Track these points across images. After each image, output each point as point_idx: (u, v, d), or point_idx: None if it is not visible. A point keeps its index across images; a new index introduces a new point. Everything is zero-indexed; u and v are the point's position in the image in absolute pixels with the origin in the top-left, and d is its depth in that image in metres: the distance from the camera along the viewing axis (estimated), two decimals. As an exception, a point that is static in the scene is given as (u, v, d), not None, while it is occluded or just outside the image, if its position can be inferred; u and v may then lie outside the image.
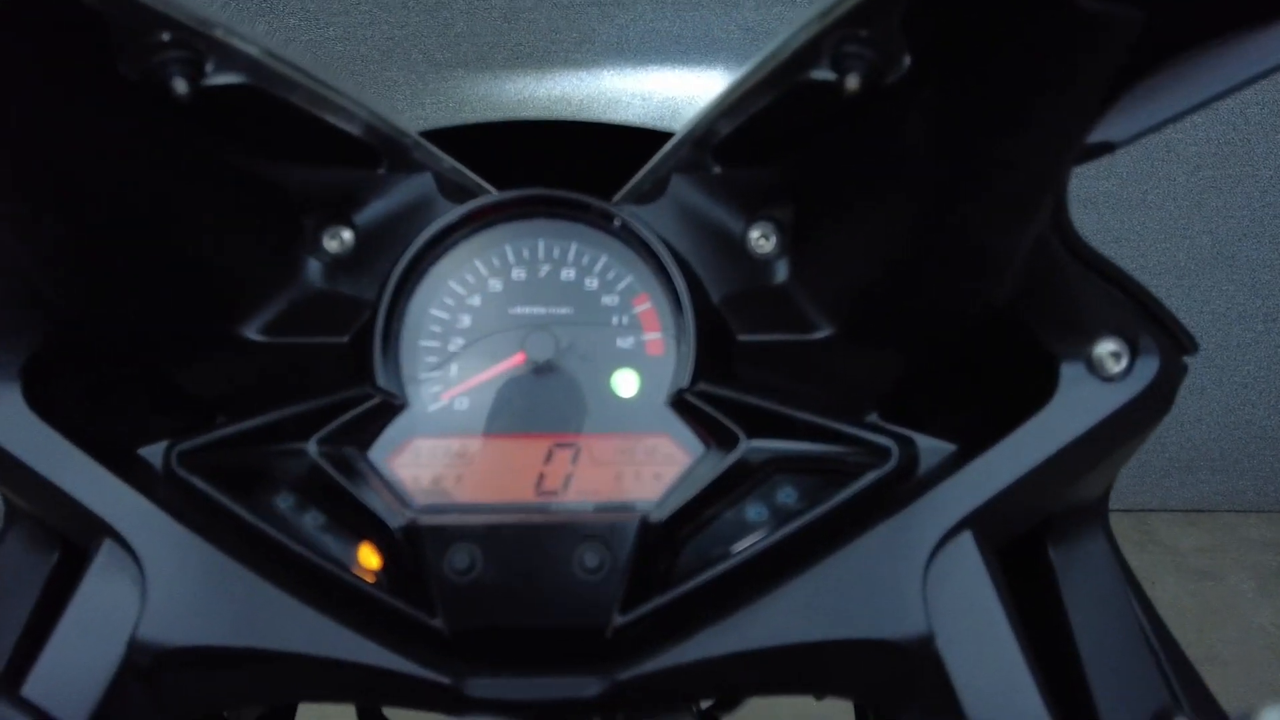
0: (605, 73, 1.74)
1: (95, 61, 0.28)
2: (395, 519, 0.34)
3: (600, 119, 0.44)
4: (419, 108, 1.74)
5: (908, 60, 0.28)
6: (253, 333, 0.37)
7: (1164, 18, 0.23)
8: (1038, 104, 0.27)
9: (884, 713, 0.33)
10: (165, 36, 0.27)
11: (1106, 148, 0.35)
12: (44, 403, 0.36)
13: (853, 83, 0.28)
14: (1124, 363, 0.36)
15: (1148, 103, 0.34)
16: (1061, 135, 0.28)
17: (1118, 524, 0.48)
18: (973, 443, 0.36)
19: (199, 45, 0.28)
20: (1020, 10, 0.25)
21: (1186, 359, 0.39)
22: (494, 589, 0.34)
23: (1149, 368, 0.36)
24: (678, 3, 1.65)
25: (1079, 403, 0.36)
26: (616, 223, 0.38)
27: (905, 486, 0.35)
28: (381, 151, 0.38)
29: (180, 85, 0.28)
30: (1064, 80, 0.26)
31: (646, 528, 0.34)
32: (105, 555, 0.35)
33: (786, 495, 0.36)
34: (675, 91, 1.72)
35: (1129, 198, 1.82)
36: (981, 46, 0.27)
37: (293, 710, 0.57)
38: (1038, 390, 0.36)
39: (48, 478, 0.35)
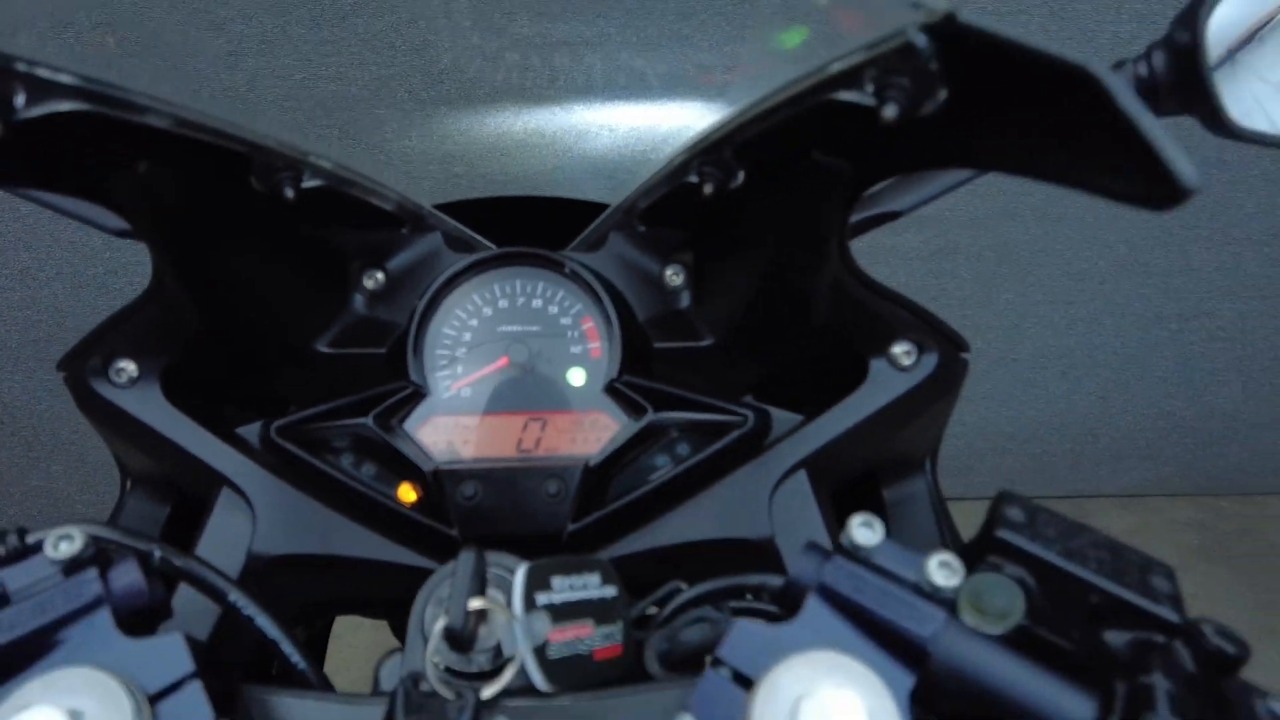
0: (575, 107, 1.87)
1: (237, 185, 0.44)
2: (426, 465, 0.50)
3: (559, 193, 0.61)
4: (405, 140, 1.86)
5: (742, 176, 0.45)
6: (321, 346, 0.54)
7: (865, 168, 0.41)
8: (812, 208, 0.44)
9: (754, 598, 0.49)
10: (279, 164, 0.44)
11: (894, 215, 0.53)
12: (176, 397, 0.52)
13: (708, 189, 0.46)
14: (913, 358, 0.53)
15: (906, 191, 0.52)
16: (829, 222, 0.46)
17: (1058, 509, 0.60)
18: (811, 414, 0.53)
19: (299, 168, 0.45)
20: (787, 160, 0.43)
21: (967, 355, 0.56)
22: (490, 510, 0.50)
23: (931, 361, 0.53)
24: (640, 44, 1.78)
25: (881, 386, 0.53)
26: (568, 268, 0.55)
27: (762, 442, 0.52)
28: (405, 219, 0.54)
29: (290, 193, 0.45)
30: (822, 194, 0.43)
31: (588, 470, 0.51)
32: (224, 499, 0.51)
33: (682, 448, 0.52)
34: (638, 123, 1.87)
35: (1054, 212, 1.92)
36: (775, 172, 0.45)
37: (328, 629, 0.73)
38: (854, 378, 0.53)
39: (183, 446, 0.51)
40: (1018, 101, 0.29)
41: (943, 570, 0.30)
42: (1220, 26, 0.47)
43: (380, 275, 0.56)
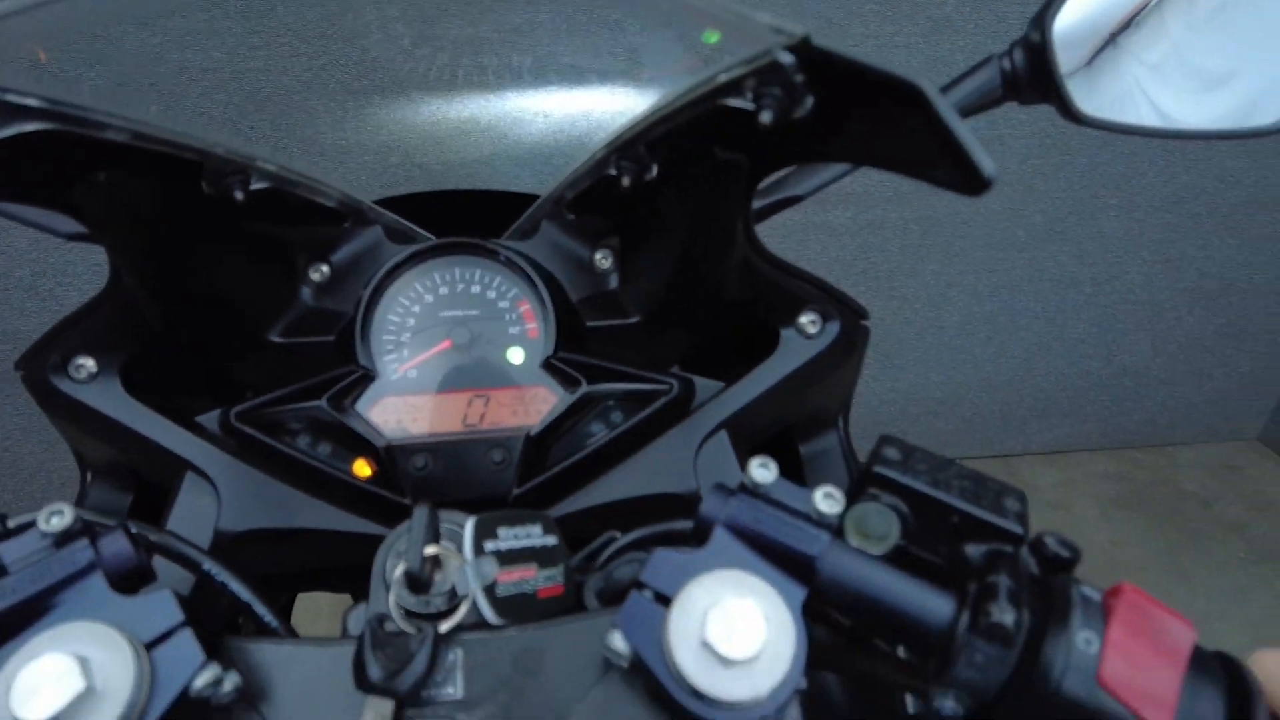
0: (509, 94, 1.89)
1: (189, 189, 0.47)
2: (379, 442, 0.54)
3: (495, 181, 0.65)
4: (340, 131, 1.86)
5: (655, 169, 0.50)
6: (273, 336, 0.57)
7: (759, 161, 0.46)
8: (717, 197, 0.50)
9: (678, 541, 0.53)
10: (228, 169, 0.47)
11: (796, 199, 0.58)
12: (135, 390, 0.55)
13: (626, 181, 0.50)
14: (819, 327, 0.59)
15: (804, 178, 0.57)
16: (732, 209, 0.51)
17: (987, 467, 0.66)
18: (731, 381, 0.59)
19: (248, 171, 0.48)
20: (693, 155, 0.48)
21: (867, 323, 0.61)
22: (440, 479, 0.54)
23: (834, 329, 0.59)
24: (570, 31, 1.81)
25: (790, 353, 0.58)
26: (503, 256, 0.59)
27: (687, 407, 0.58)
28: (346, 214, 0.58)
29: (239, 195, 0.48)
30: (724, 184, 0.48)
31: (530, 439, 0.55)
32: (188, 482, 0.54)
33: (615, 415, 0.57)
34: (570, 109, 1.89)
35: None
36: (683, 165, 0.50)
37: (289, 610, 0.76)
38: (767, 347, 0.59)
39: (146, 435, 0.54)
40: (868, 108, 0.35)
41: (827, 500, 0.35)
42: (1071, 26, 0.53)
43: (325, 268, 0.60)
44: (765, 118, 0.37)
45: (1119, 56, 0.62)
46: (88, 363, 0.54)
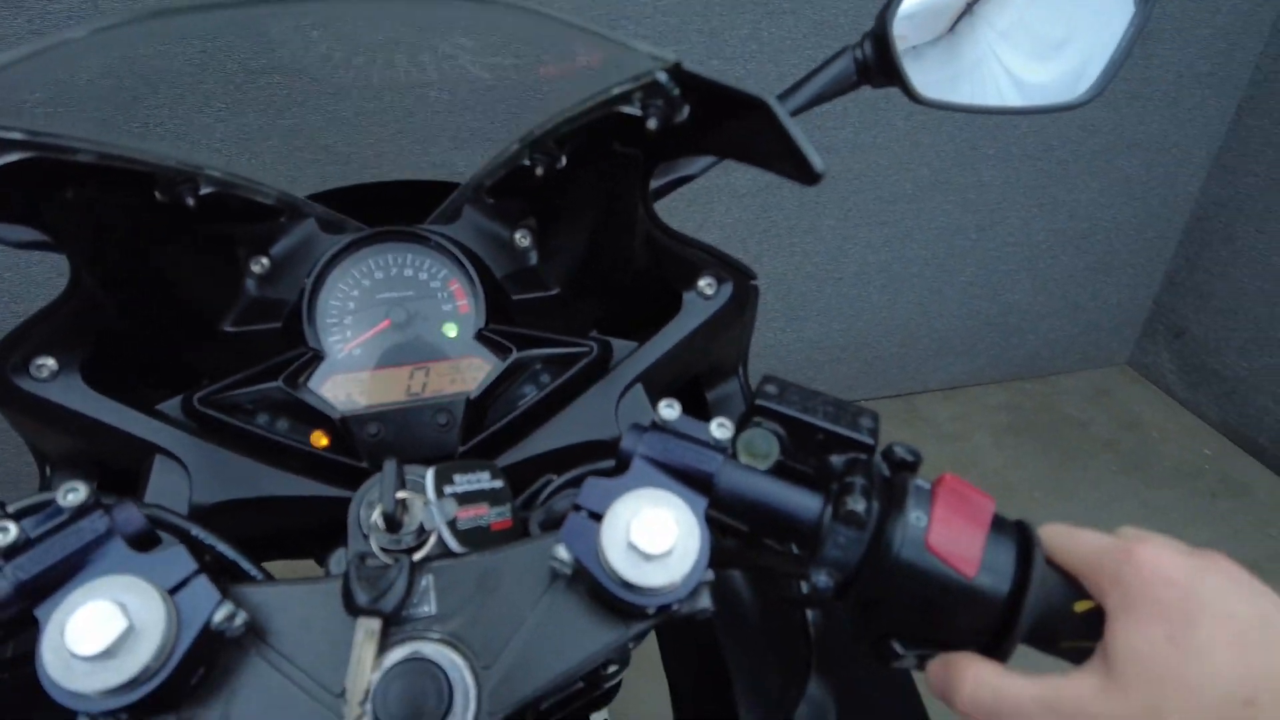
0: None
1: (143, 197, 0.52)
2: (334, 414, 0.60)
3: (405, 159, 0.71)
4: (241, 117, 1.83)
5: (564, 160, 0.58)
6: (226, 326, 0.62)
7: (651, 153, 0.54)
8: (618, 183, 0.57)
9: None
10: (179, 179, 0.52)
11: (689, 178, 0.67)
12: (97, 384, 0.60)
13: (539, 170, 0.58)
14: (714, 289, 0.67)
15: (694, 162, 0.65)
16: (631, 193, 0.59)
17: (892, 406, 0.74)
18: (643, 340, 0.67)
19: (196, 179, 0.53)
20: (596, 148, 0.55)
21: (756, 283, 0.70)
22: (392, 442, 0.61)
23: (728, 290, 0.68)
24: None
25: (692, 313, 0.67)
26: (433, 240, 0.66)
27: (606, 366, 0.66)
28: (283, 210, 0.63)
29: (191, 201, 0.53)
30: (623, 173, 0.56)
31: (470, 402, 0.62)
32: (158, 464, 0.59)
33: (544, 377, 0.65)
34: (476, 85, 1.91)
35: (863, 142, 2.09)
36: (589, 156, 0.57)
37: None
38: (672, 309, 0.67)
39: (113, 425, 0.59)
40: (730, 116, 0.43)
41: (720, 429, 0.44)
42: (912, 19, 0.62)
43: (265, 260, 0.65)
44: (651, 123, 0.46)
45: (956, 46, 0.72)
46: (49, 362, 0.58)
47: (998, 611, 0.39)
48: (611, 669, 0.81)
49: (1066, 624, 0.40)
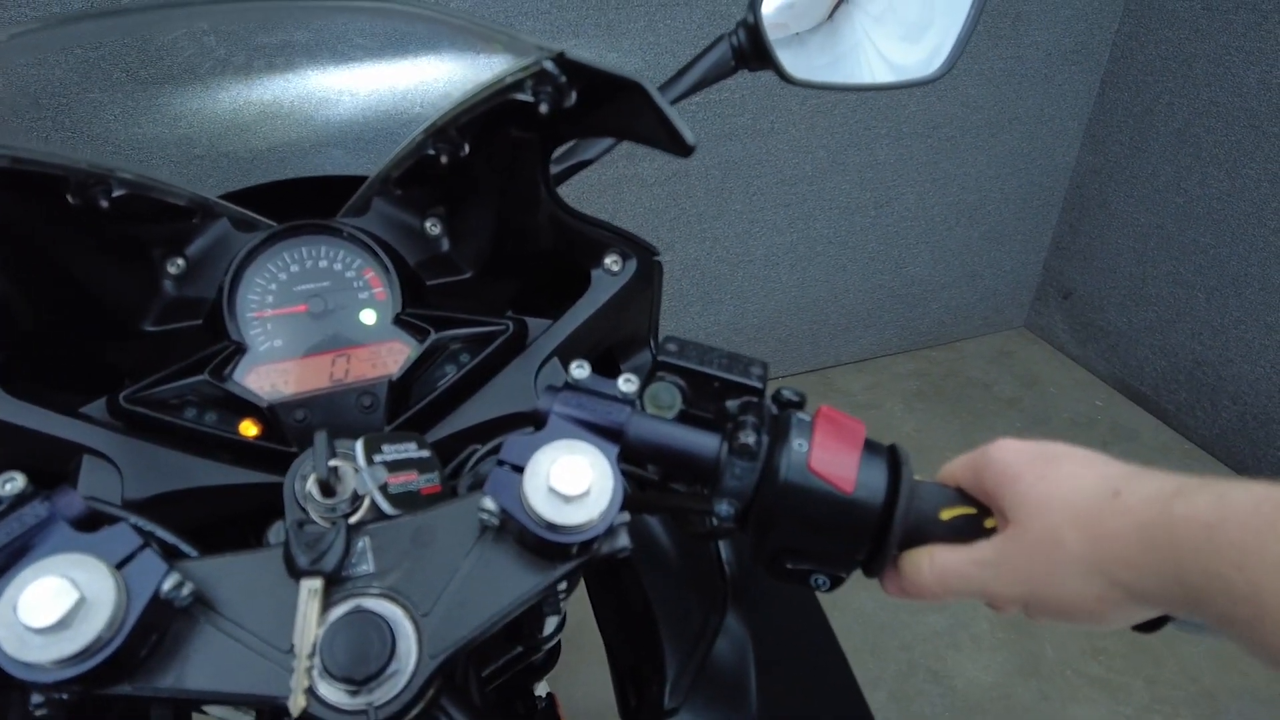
0: (310, 73, 1.88)
1: (56, 200, 0.53)
2: (261, 403, 0.62)
3: (310, 162, 0.73)
4: (135, 126, 1.78)
5: (467, 148, 0.61)
6: (146, 326, 0.63)
7: (547, 137, 0.58)
8: (519, 167, 0.61)
9: None
10: (91, 181, 0.54)
11: (586, 162, 0.71)
12: (16, 389, 0.60)
13: (443, 159, 0.61)
14: (620, 265, 0.72)
15: (590, 147, 0.70)
16: (532, 176, 0.63)
17: (808, 381, 0.79)
18: (556, 317, 0.71)
19: (109, 182, 0.55)
20: (496, 135, 0.59)
21: (659, 258, 0.75)
22: (319, 426, 0.63)
23: (633, 266, 0.72)
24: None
25: (601, 289, 0.71)
26: (345, 231, 0.68)
27: (523, 343, 0.69)
28: (195, 210, 0.65)
29: (104, 203, 0.55)
30: (522, 156, 0.60)
31: (392, 384, 0.65)
32: (87, 464, 0.60)
33: (464, 356, 0.68)
34: (377, 85, 1.91)
35: (761, 128, 2.17)
36: (490, 143, 0.61)
37: None
38: (582, 286, 0.71)
39: (36, 429, 0.59)
40: (613, 100, 0.48)
41: (627, 384, 0.48)
42: (780, 9, 0.67)
43: (181, 260, 0.66)
44: (543, 108, 0.50)
45: (836, 31, 0.78)
46: None
47: (875, 521, 0.44)
48: (550, 629, 0.85)
49: (936, 528, 0.46)
